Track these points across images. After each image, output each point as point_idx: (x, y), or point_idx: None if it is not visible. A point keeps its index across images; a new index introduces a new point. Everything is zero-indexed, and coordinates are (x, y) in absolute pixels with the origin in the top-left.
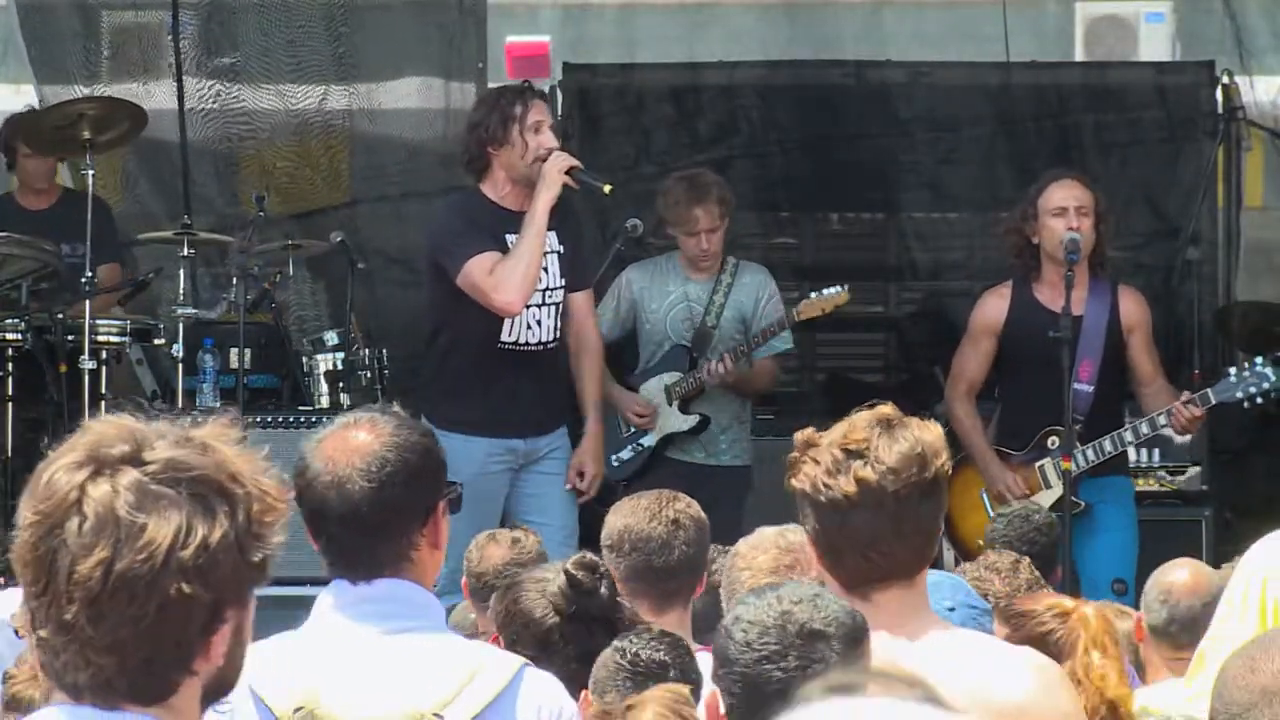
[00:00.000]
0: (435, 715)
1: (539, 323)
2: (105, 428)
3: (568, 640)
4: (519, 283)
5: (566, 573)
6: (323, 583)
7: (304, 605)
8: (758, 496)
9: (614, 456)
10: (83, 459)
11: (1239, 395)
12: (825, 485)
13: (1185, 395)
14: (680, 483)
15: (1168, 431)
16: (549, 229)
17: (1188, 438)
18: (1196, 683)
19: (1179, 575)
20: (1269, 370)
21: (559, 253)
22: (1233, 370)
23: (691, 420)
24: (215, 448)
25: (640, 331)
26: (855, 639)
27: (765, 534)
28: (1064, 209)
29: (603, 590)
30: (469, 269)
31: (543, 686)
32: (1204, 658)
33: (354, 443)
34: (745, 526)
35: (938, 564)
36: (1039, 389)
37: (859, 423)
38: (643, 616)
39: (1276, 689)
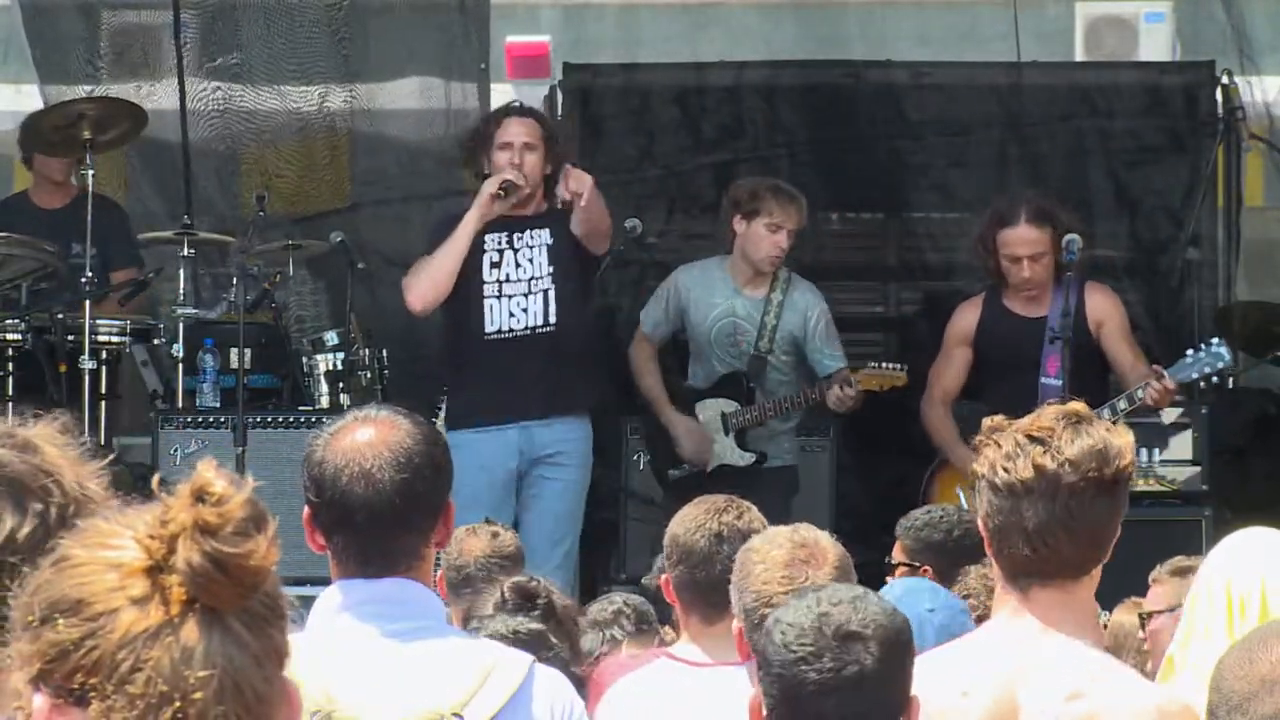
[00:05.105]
0: (455, 715)
1: (524, 310)
2: None
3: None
4: (423, 285)
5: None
6: (324, 582)
7: (304, 605)
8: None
9: (670, 470)
10: None
11: (1194, 375)
12: (1003, 468)
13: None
14: (729, 484)
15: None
16: (540, 227)
17: (1186, 434)
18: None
19: None
20: (1223, 350)
21: (549, 245)
22: (1190, 351)
23: (749, 458)
24: (40, 448)
25: (688, 337)
26: (895, 641)
27: (779, 530)
28: (1018, 258)
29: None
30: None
31: (554, 683)
32: (1173, 663)
33: (378, 435)
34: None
35: None
36: (1011, 391)
37: (1048, 413)
38: (695, 627)
39: (1276, 678)
